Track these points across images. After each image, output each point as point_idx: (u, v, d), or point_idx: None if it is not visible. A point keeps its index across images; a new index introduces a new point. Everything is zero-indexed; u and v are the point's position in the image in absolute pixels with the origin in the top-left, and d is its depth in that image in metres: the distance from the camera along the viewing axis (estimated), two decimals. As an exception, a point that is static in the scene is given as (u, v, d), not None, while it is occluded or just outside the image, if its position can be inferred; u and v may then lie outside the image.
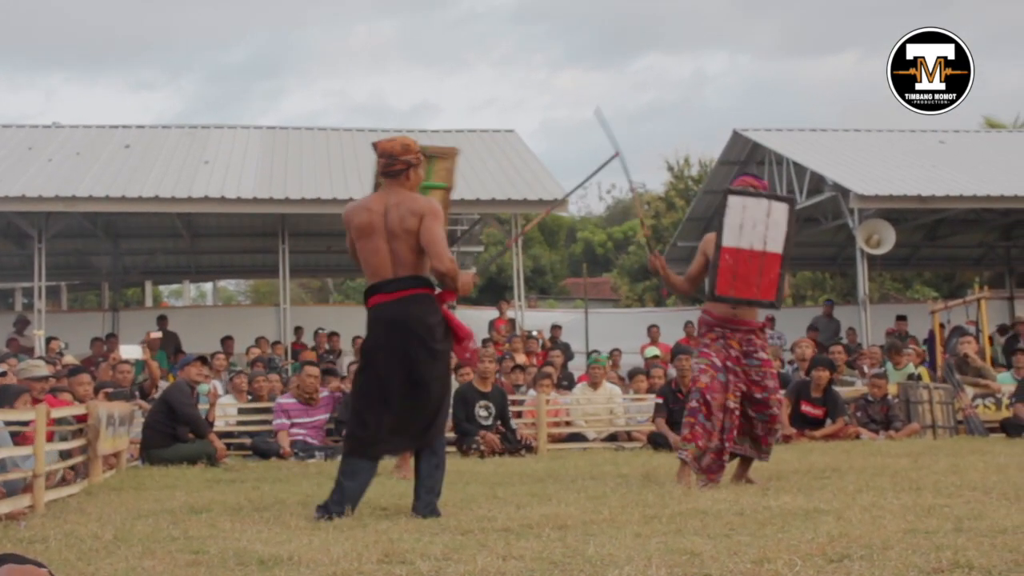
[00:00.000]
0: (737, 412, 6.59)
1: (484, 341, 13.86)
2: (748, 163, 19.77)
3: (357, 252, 5.51)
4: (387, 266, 5.38)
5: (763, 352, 6.69)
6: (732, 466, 6.93)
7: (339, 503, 5.27)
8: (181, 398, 9.66)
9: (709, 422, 6.48)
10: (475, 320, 18.29)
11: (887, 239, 16.17)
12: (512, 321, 17.00)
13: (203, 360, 10.57)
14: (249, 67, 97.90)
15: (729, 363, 6.57)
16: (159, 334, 14.74)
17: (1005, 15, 77.37)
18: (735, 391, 6.56)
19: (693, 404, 6.55)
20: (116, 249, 20.27)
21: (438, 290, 5.53)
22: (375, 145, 5.59)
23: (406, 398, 5.34)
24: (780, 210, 6.45)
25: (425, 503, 5.35)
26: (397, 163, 5.46)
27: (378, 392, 5.37)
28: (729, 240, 6.35)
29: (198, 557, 4.16)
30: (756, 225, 6.37)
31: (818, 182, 17.24)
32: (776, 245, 6.40)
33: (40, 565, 2.51)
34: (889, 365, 13.38)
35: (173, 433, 9.49)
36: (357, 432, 5.44)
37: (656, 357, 14.70)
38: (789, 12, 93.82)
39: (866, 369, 13.22)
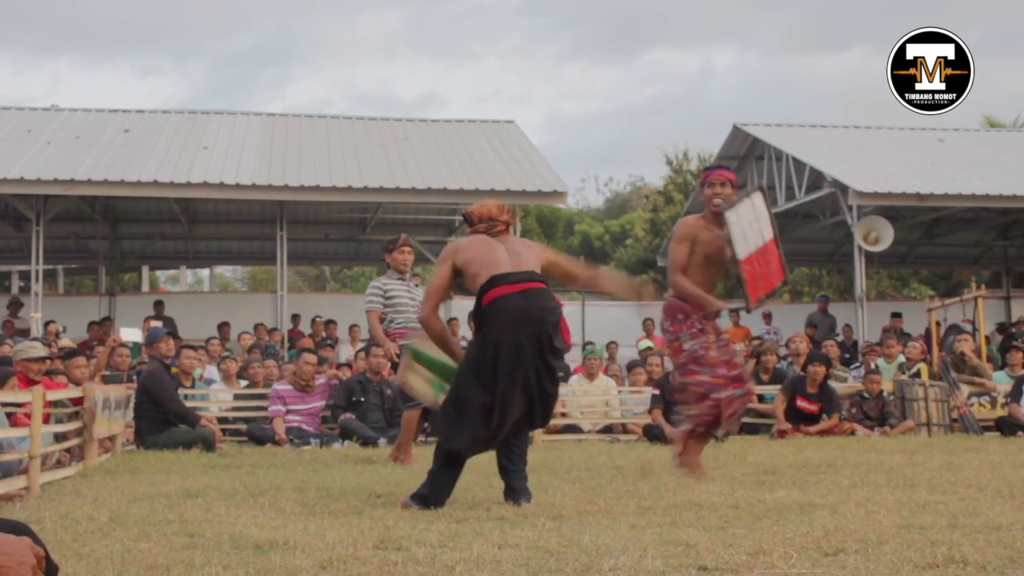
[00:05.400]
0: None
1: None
2: (747, 158, 19.77)
3: (465, 269, 5.29)
4: (505, 263, 5.20)
5: (726, 332, 6.84)
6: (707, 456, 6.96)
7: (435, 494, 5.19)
8: (160, 390, 9.50)
9: (723, 391, 6.41)
10: (462, 310, 18.29)
11: (885, 236, 16.18)
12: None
13: (172, 335, 10.49)
14: (255, 55, 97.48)
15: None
16: (159, 323, 14.73)
17: (1012, 15, 77.19)
18: None
19: (698, 379, 6.45)
20: (114, 233, 20.24)
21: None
22: (468, 214, 5.58)
23: (525, 390, 5.09)
24: (758, 199, 6.77)
25: (522, 490, 5.38)
26: (498, 224, 5.49)
27: (496, 382, 5.03)
28: (741, 252, 6.52)
29: (193, 540, 4.16)
30: (751, 224, 6.61)
31: (817, 178, 17.24)
32: (768, 231, 6.69)
33: (22, 531, 2.31)
34: (881, 360, 13.41)
35: (164, 418, 9.47)
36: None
37: (649, 349, 14.70)
38: (797, 8, 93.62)
39: (872, 365, 13.22)
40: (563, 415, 11.43)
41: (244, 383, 11.73)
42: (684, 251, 6.60)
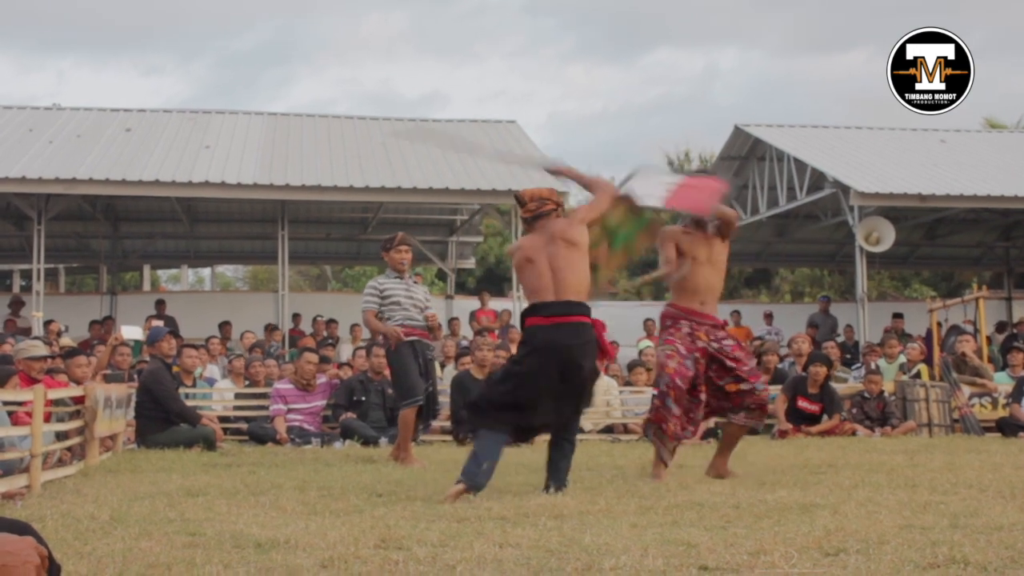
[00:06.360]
0: (704, 403, 6.58)
1: (480, 331, 13.85)
2: (749, 158, 19.76)
3: (518, 273, 5.99)
4: (548, 288, 5.66)
5: (731, 339, 6.79)
6: (708, 458, 6.95)
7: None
8: (161, 389, 9.50)
9: (677, 406, 6.44)
10: (463, 311, 18.32)
11: (887, 237, 16.15)
12: (506, 311, 16.94)
13: (173, 334, 10.51)
14: (260, 54, 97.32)
15: (696, 354, 6.52)
16: (160, 322, 14.71)
17: (1015, 16, 77.01)
18: (701, 381, 6.53)
19: (661, 388, 6.52)
20: (115, 232, 20.26)
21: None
22: (519, 196, 5.95)
23: (556, 404, 5.66)
24: (648, 172, 6.85)
25: (558, 480, 5.75)
26: (548, 203, 5.84)
27: (527, 399, 5.61)
28: (657, 203, 6.59)
29: (194, 539, 4.17)
30: (654, 185, 6.66)
31: (819, 179, 17.23)
32: (676, 177, 7.15)
33: (25, 531, 2.27)
34: (882, 360, 13.39)
35: (165, 417, 9.47)
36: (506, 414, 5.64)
37: (650, 348, 14.68)
38: (800, 9, 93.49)
39: (873, 365, 13.22)
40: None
41: (245, 382, 11.73)
42: (671, 251, 6.74)
